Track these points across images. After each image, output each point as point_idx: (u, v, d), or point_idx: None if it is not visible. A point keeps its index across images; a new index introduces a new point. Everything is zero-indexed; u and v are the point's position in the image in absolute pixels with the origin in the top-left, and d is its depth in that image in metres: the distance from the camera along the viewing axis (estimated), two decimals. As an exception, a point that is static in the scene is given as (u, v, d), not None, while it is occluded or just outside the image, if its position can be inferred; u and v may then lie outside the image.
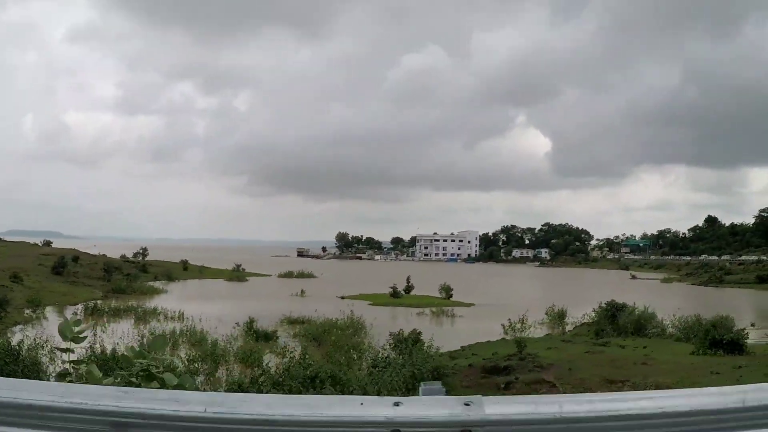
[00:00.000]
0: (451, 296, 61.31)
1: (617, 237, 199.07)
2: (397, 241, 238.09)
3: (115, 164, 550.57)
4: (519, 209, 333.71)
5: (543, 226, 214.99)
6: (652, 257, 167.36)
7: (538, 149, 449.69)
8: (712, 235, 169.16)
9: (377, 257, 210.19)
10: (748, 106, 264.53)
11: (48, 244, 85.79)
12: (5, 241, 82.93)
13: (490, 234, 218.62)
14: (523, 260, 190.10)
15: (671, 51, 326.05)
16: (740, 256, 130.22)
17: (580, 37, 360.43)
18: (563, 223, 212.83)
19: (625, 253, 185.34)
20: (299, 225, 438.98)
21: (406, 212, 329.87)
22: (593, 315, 39.67)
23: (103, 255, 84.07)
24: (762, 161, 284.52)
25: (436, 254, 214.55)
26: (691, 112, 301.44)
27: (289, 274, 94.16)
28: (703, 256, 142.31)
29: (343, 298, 60.80)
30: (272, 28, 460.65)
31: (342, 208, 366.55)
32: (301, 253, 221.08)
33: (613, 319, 36.96)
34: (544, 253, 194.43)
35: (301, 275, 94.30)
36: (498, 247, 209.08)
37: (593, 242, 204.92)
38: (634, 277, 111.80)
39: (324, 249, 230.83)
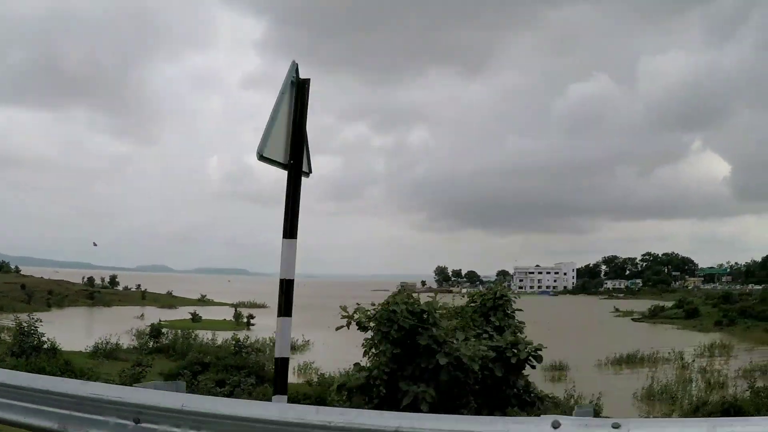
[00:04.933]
0: (248, 322, 63.61)
1: (721, 265, 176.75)
2: (503, 274, 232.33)
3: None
4: (702, 237, 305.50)
5: (645, 255, 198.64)
6: (739, 286, 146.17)
7: (717, 174, 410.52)
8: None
9: (463, 291, 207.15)
10: None
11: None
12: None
13: (591, 265, 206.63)
14: (615, 292, 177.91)
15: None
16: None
17: (742, 56, 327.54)
18: (668, 252, 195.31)
19: (727, 282, 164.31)
20: (481, 258, 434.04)
21: (588, 243, 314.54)
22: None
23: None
24: None
25: (531, 287, 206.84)
26: None
27: (241, 304, 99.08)
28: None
29: (160, 321, 66.00)
30: (437, 68, 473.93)
31: (525, 241, 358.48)
32: (403, 287, 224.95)
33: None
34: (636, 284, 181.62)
35: (253, 305, 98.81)
36: (590, 279, 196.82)
37: (698, 271, 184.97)
38: (617, 309, 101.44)
39: (423, 283, 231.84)
